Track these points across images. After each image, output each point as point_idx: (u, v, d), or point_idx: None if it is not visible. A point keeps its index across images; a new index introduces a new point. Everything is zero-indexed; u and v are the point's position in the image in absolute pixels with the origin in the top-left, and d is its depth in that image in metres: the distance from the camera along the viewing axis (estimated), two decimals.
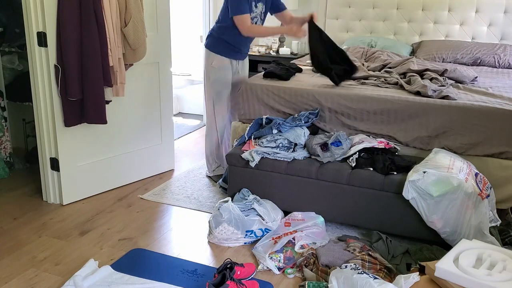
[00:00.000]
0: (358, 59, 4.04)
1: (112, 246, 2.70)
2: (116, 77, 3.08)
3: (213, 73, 3.43)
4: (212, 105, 3.51)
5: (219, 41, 3.38)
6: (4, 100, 3.63)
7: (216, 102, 3.50)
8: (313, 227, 2.70)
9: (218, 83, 3.45)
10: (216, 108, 3.51)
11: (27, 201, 3.23)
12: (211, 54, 3.42)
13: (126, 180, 3.52)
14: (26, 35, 2.93)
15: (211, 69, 3.44)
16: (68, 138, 3.09)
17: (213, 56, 3.41)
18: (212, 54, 3.41)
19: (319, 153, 2.84)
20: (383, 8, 4.76)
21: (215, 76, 3.44)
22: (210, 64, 3.43)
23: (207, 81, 3.51)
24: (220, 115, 3.53)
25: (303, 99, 3.19)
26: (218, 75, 3.44)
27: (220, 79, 3.44)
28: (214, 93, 3.47)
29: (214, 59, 3.41)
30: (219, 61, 3.41)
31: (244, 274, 2.35)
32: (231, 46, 3.38)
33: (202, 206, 3.20)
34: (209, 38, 3.45)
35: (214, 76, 3.44)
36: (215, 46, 3.40)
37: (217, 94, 3.48)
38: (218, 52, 3.39)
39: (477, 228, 2.44)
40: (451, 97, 2.92)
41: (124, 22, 3.03)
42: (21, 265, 2.50)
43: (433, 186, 2.45)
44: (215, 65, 3.41)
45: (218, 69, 3.42)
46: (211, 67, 3.43)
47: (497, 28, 4.41)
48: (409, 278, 1.95)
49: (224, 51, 3.39)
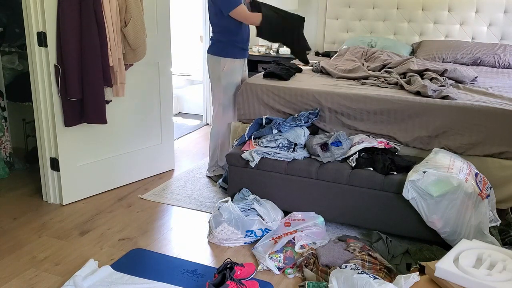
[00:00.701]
0: (358, 59, 4.04)
1: (112, 246, 2.70)
2: (116, 77, 3.08)
3: (225, 78, 3.41)
4: (222, 112, 3.50)
5: (228, 44, 3.35)
6: (4, 100, 3.63)
7: (226, 107, 3.49)
8: (313, 227, 2.70)
9: (230, 88, 3.44)
10: (227, 114, 3.50)
11: (27, 201, 3.23)
12: (221, 59, 3.37)
13: (126, 180, 3.52)
14: (26, 35, 2.93)
15: (222, 75, 3.40)
16: (68, 138, 3.09)
17: (223, 61, 3.37)
18: (222, 59, 3.37)
19: (319, 153, 2.84)
20: (383, 8, 4.76)
21: (227, 81, 3.42)
22: (221, 70, 3.39)
23: (217, 88, 3.47)
24: (231, 119, 3.53)
25: (303, 99, 3.19)
26: (231, 79, 3.42)
27: (232, 83, 3.44)
28: (227, 99, 3.46)
29: (225, 63, 3.38)
30: (231, 64, 3.39)
31: (244, 274, 2.35)
32: (240, 45, 3.38)
33: (202, 206, 3.21)
34: (216, 45, 3.40)
35: (226, 80, 3.42)
36: (225, 50, 3.37)
37: (229, 99, 3.47)
38: (229, 56, 3.37)
39: (477, 228, 2.44)
40: (451, 97, 2.92)
41: (124, 22, 3.03)
42: (21, 265, 2.50)
43: (433, 186, 2.45)
44: (227, 69, 3.39)
45: (230, 73, 3.40)
46: (222, 72, 3.39)
47: (497, 28, 4.41)
48: (409, 278, 1.95)
49: (235, 53, 3.39)
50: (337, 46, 4.93)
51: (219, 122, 3.55)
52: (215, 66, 3.42)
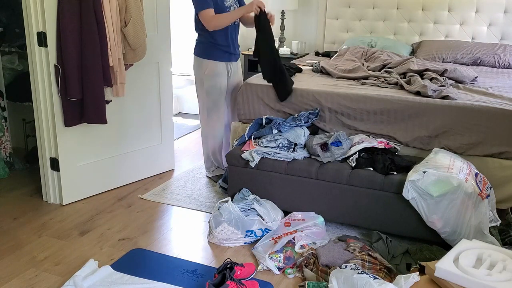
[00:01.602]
0: (358, 59, 4.04)
1: (112, 246, 2.70)
2: (116, 77, 3.08)
3: (207, 81, 3.33)
4: (206, 115, 3.44)
5: (209, 45, 3.27)
6: (4, 100, 3.63)
7: (211, 110, 3.41)
8: (313, 227, 2.70)
9: (213, 91, 3.35)
10: (212, 117, 3.43)
11: (27, 201, 3.23)
12: (203, 61, 3.30)
13: (126, 180, 3.52)
14: (26, 35, 2.93)
15: (204, 77, 3.33)
16: (68, 138, 3.09)
17: (206, 63, 3.29)
18: (204, 62, 3.30)
19: (319, 153, 2.84)
20: (383, 8, 4.76)
21: (209, 84, 3.33)
22: (203, 72, 3.32)
23: (200, 91, 3.41)
24: (218, 123, 3.46)
25: (303, 99, 3.19)
26: (213, 82, 3.33)
27: (215, 86, 3.34)
28: (210, 102, 3.38)
29: (207, 66, 3.29)
30: (213, 67, 3.30)
31: (244, 274, 2.35)
32: (223, 47, 3.28)
33: (202, 206, 3.20)
34: (198, 46, 3.34)
35: (209, 83, 3.33)
36: (206, 52, 3.29)
37: (213, 102, 3.38)
38: (210, 58, 3.28)
39: (477, 228, 2.44)
40: (451, 97, 2.92)
41: (124, 22, 3.02)
42: (21, 265, 2.50)
43: (433, 186, 2.45)
44: (209, 72, 3.30)
45: (212, 76, 3.31)
46: (204, 75, 3.32)
47: (497, 28, 4.41)
48: (409, 278, 1.95)
49: (217, 55, 3.29)
50: (337, 46, 4.93)
51: (206, 126, 3.49)
52: (198, 68, 3.35)
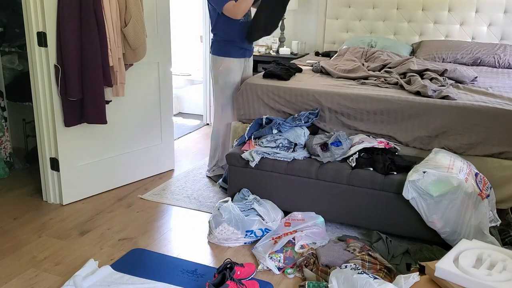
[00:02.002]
0: (358, 59, 4.04)
1: (112, 246, 2.70)
2: (116, 77, 3.08)
3: (222, 77, 3.42)
4: (220, 111, 3.51)
5: (225, 43, 3.36)
6: (4, 100, 3.63)
7: (225, 106, 3.49)
8: (313, 227, 2.70)
9: (227, 87, 3.44)
10: (226, 112, 3.50)
11: (27, 201, 3.23)
12: (218, 58, 3.40)
13: (126, 180, 3.52)
14: (26, 35, 2.93)
15: (218, 74, 3.42)
16: (68, 138, 3.09)
17: (220, 60, 3.40)
18: (219, 59, 3.40)
19: (319, 153, 2.84)
20: (383, 8, 4.76)
21: (224, 80, 3.43)
22: (217, 69, 3.42)
23: (216, 87, 3.50)
24: (231, 118, 3.52)
25: (303, 99, 3.19)
26: (228, 78, 3.42)
27: (229, 82, 3.43)
28: (225, 98, 3.46)
29: (222, 62, 3.39)
30: (227, 64, 3.39)
31: (244, 274, 2.35)
32: (238, 44, 3.37)
33: (202, 206, 3.20)
34: (214, 44, 3.44)
35: (223, 79, 3.43)
36: (221, 50, 3.38)
37: (227, 98, 3.47)
38: (225, 55, 3.38)
39: (477, 228, 2.44)
40: (451, 97, 2.92)
41: (124, 22, 3.03)
42: (21, 265, 2.50)
43: (433, 186, 2.45)
44: (223, 68, 3.39)
45: (226, 72, 3.40)
46: (218, 72, 3.42)
47: (497, 28, 4.41)
48: (409, 278, 1.95)
49: (232, 52, 3.38)
50: (337, 46, 4.93)
51: (219, 122, 3.55)
52: (214, 65, 3.45)
